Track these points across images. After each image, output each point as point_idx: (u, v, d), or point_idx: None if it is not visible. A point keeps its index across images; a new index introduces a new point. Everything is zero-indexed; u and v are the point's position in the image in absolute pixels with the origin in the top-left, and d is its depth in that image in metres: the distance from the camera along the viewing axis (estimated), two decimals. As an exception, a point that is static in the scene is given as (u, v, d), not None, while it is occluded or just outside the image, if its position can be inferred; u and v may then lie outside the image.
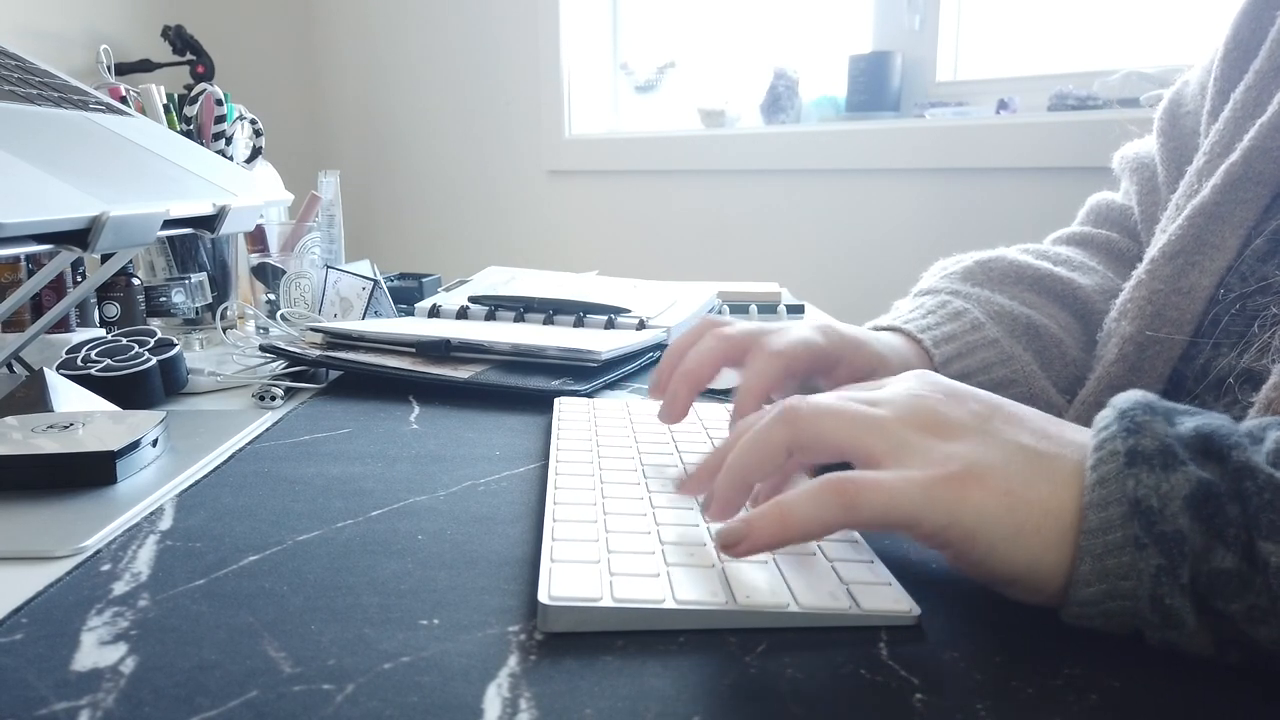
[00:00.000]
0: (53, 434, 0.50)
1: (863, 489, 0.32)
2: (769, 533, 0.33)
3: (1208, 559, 0.30)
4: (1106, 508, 0.31)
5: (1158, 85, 1.38)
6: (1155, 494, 0.30)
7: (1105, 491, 0.31)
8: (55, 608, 0.35)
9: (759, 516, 0.33)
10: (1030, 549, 0.32)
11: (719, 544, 0.34)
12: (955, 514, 0.32)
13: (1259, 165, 0.51)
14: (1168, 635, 0.31)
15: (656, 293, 0.95)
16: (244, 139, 1.01)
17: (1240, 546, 0.29)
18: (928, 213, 1.60)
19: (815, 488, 0.33)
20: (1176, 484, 0.30)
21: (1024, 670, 0.31)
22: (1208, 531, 0.30)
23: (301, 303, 0.90)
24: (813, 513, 0.32)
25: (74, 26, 1.88)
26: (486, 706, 0.29)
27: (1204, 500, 0.30)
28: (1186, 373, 0.52)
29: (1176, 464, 0.30)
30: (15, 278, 0.75)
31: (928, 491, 0.32)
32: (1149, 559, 0.30)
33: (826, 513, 0.32)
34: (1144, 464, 0.31)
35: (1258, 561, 0.29)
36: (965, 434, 0.34)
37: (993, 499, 0.32)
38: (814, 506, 0.32)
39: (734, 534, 0.33)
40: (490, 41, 2.15)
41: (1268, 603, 0.29)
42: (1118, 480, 0.31)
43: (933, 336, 0.56)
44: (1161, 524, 0.30)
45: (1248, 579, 0.29)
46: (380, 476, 0.50)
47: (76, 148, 0.53)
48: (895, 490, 0.32)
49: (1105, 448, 0.32)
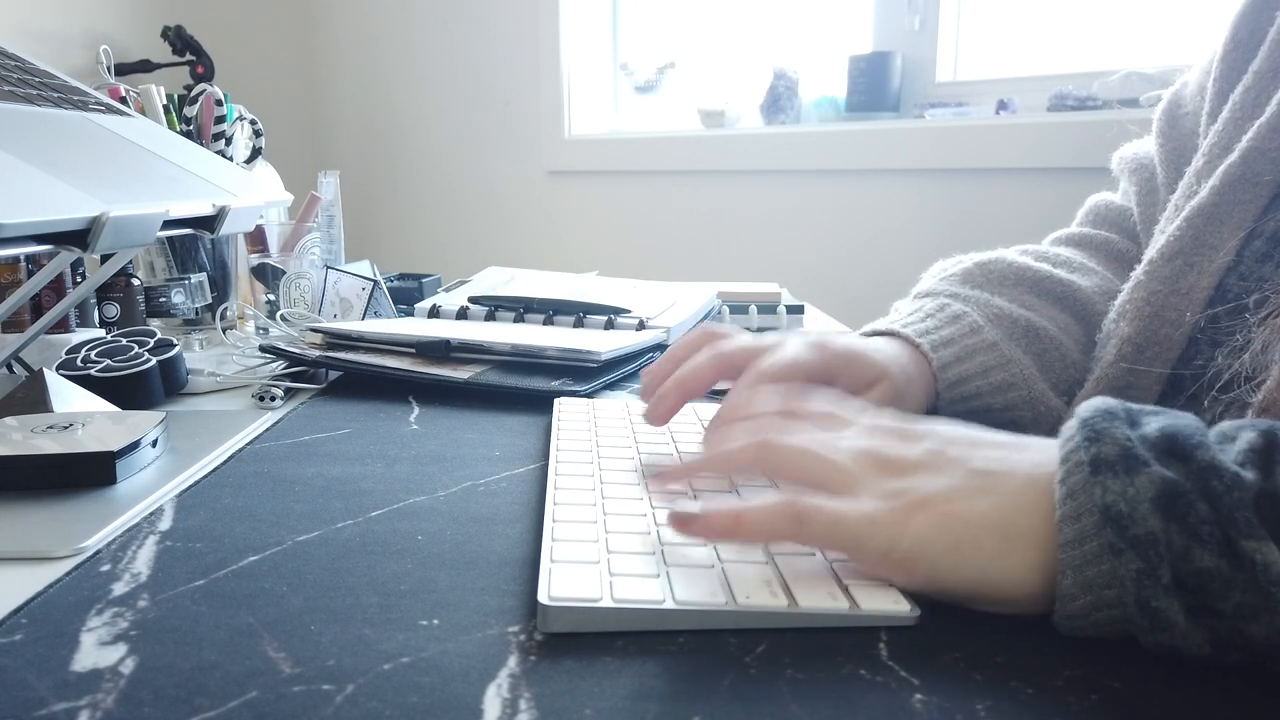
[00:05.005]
0: (53, 434, 0.50)
1: (813, 510, 0.35)
2: (720, 526, 0.36)
3: (1188, 558, 0.30)
4: (1079, 519, 0.32)
5: (1157, 85, 1.38)
6: (1123, 498, 0.31)
7: (1076, 503, 0.32)
8: (55, 608, 0.35)
9: (716, 512, 0.36)
10: (972, 562, 0.33)
11: (670, 517, 0.36)
12: (895, 540, 0.34)
13: (1258, 166, 0.51)
14: (1160, 638, 0.31)
15: (656, 293, 0.95)
16: (244, 139, 1.01)
17: (1217, 544, 0.29)
18: (928, 213, 1.60)
19: (772, 502, 0.35)
20: (1142, 486, 0.31)
21: (1024, 670, 0.31)
22: (1182, 531, 0.30)
23: (301, 303, 0.90)
24: (764, 521, 0.35)
25: (74, 26, 1.88)
26: (486, 707, 0.29)
27: (1171, 499, 0.30)
28: (1185, 374, 0.52)
29: (1139, 466, 0.31)
30: (15, 278, 0.75)
31: (872, 519, 0.35)
32: (1128, 564, 0.30)
33: (777, 525, 0.35)
34: (1108, 470, 0.31)
35: (1242, 560, 0.29)
36: (916, 470, 0.37)
37: (930, 521, 0.34)
38: (767, 517, 0.35)
39: (688, 514, 0.36)
40: (490, 42, 2.15)
41: (1257, 599, 0.29)
42: (1085, 490, 0.32)
43: (931, 341, 0.56)
44: (1133, 528, 0.30)
45: (1231, 577, 0.29)
46: (380, 477, 0.50)
47: (76, 148, 0.53)
48: (842, 516, 0.35)
49: (1071, 459, 0.33)
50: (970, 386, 0.55)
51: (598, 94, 2.11)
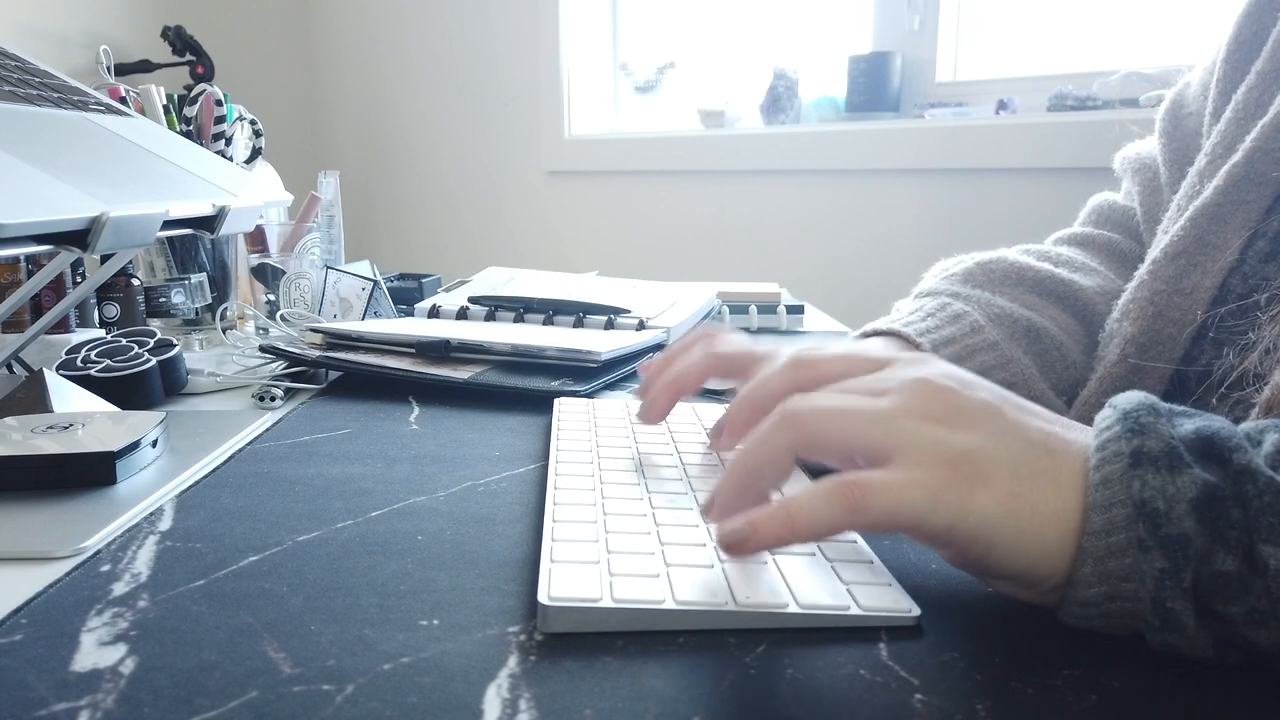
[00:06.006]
0: (52, 434, 0.50)
1: (869, 492, 0.32)
2: (775, 533, 0.32)
3: (1209, 562, 0.29)
4: (1110, 509, 0.31)
5: (1157, 86, 1.38)
6: (1162, 496, 0.30)
7: (1109, 493, 0.31)
8: (55, 608, 0.35)
9: (765, 518, 0.33)
10: (1031, 552, 0.32)
11: (722, 544, 0.33)
12: (960, 518, 0.32)
13: (1261, 166, 0.51)
14: (1167, 638, 0.31)
15: (656, 293, 0.95)
16: (244, 139, 1.01)
17: (1241, 550, 0.29)
18: (928, 213, 1.60)
19: (822, 489, 0.32)
20: (1183, 486, 0.30)
21: (1024, 670, 0.31)
22: (1211, 535, 0.29)
23: (301, 303, 0.90)
24: (820, 513, 0.32)
25: (74, 27, 1.88)
26: (486, 707, 0.29)
27: (1209, 503, 0.30)
28: (1189, 374, 0.52)
29: (1183, 466, 0.30)
30: (15, 278, 0.75)
31: (934, 494, 0.32)
32: (1152, 562, 0.30)
33: (833, 514, 0.32)
34: (1150, 466, 0.30)
35: (1258, 565, 0.29)
36: (974, 423, 0.33)
37: (997, 502, 0.32)
38: (821, 507, 0.32)
39: (738, 534, 0.33)
40: (490, 42, 2.15)
41: (1267, 605, 0.29)
42: (1122, 481, 0.31)
43: (931, 340, 0.56)
44: (1167, 527, 0.30)
45: (1248, 582, 0.29)
46: (380, 477, 0.50)
47: (76, 148, 0.53)
48: (902, 493, 0.32)
49: (1109, 448, 0.32)
50: None
51: (598, 94, 2.11)
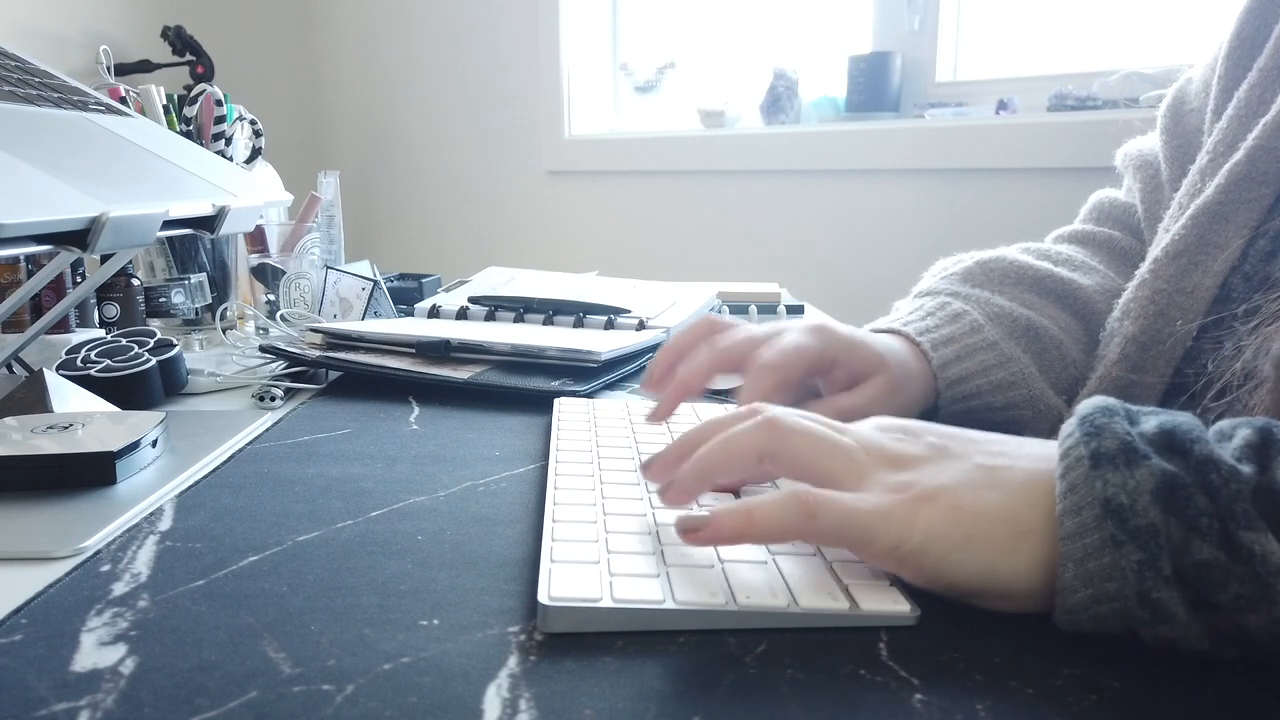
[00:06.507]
0: (52, 434, 0.50)
1: (824, 502, 0.34)
2: (731, 528, 0.35)
3: (1187, 550, 0.30)
4: (1080, 512, 0.32)
5: (1157, 85, 1.38)
6: (1124, 490, 0.31)
7: (1076, 497, 0.32)
8: (55, 608, 0.35)
9: (725, 513, 0.35)
10: (982, 556, 0.33)
11: (678, 528, 0.35)
12: (905, 533, 0.34)
13: (1263, 164, 0.51)
14: (1160, 630, 0.31)
15: (656, 293, 0.95)
16: (244, 139, 1.01)
17: (1215, 536, 0.30)
18: (928, 213, 1.60)
19: (781, 496, 0.35)
20: (1142, 478, 0.31)
21: (1024, 670, 0.31)
22: (1181, 523, 0.30)
23: (301, 303, 0.90)
24: (776, 516, 0.34)
25: (73, 27, 1.88)
26: (486, 707, 0.29)
27: (1171, 491, 0.30)
28: (1189, 373, 0.52)
29: (1139, 459, 0.31)
30: (15, 278, 0.75)
31: (881, 512, 0.34)
32: (1128, 555, 0.30)
33: (788, 519, 0.34)
34: (1108, 464, 0.31)
35: (1240, 551, 0.29)
36: (921, 464, 0.37)
37: (940, 514, 0.34)
38: (778, 511, 0.34)
39: (696, 521, 0.35)
40: (490, 42, 2.15)
41: (1255, 590, 0.29)
42: (1086, 483, 0.32)
43: (931, 340, 0.56)
44: (1134, 519, 0.30)
45: (1230, 569, 0.29)
46: (380, 477, 0.50)
47: (76, 148, 0.53)
48: (852, 508, 0.34)
49: (1070, 454, 0.33)
50: (970, 385, 0.55)
51: (598, 94, 2.11)
